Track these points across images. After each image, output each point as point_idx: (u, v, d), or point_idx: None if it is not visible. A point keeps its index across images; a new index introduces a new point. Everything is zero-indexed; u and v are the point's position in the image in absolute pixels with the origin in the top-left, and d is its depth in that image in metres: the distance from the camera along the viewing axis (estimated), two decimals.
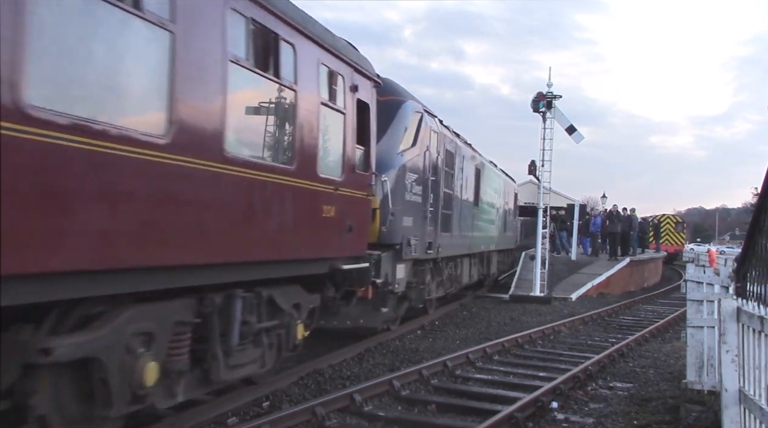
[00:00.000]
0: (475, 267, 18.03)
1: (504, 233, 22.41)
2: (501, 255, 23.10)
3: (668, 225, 43.05)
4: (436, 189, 12.63)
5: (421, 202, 11.66)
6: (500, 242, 21.67)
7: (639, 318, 17.09)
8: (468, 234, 16.00)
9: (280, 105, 6.69)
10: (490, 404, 7.49)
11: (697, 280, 8.09)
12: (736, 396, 4.78)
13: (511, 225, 24.92)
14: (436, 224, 12.60)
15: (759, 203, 6.03)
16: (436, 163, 12.57)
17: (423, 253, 11.80)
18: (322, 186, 7.32)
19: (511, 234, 25.04)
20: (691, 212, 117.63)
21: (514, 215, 26.32)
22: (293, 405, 6.89)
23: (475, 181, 16.93)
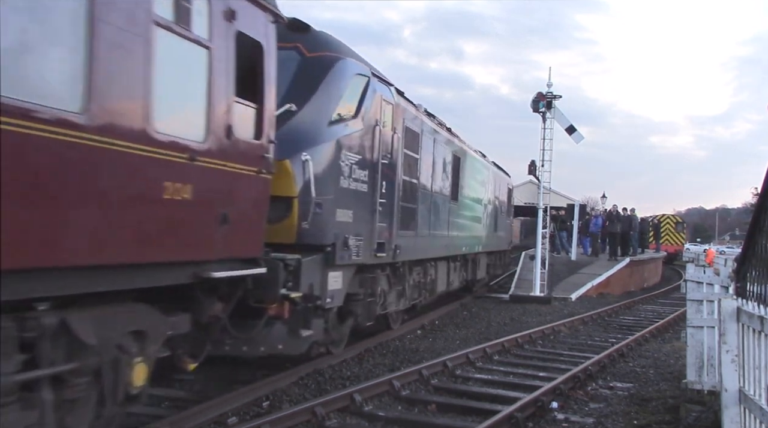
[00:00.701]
0: (456, 272, 15.39)
1: (495, 233, 19.83)
2: (492, 257, 20.71)
3: (668, 226, 43.04)
4: (390, 176, 9.81)
5: (367, 192, 8.92)
6: (490, 243, 19.13)
7: (639, 318, 17.10)
8: (443, 233, 13.47)
9: (59, 11, 3.99)
10: (490, 404, 7.49)
11: (697, 280, 8.09)
12: (736, 396, 4.78)
13: (504, 225, 22.15)
14: (391, 220, 9.83)
15: (759, 203, 6.04)
16: (391, 143, 9.75)
17: (371, 257, 9.13)
18: (159, 151, 4.78)
19: (504, 235, 22.29)
20: (691, 212, 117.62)
21: (509, 213, 23.35)
22: (293, 405, 6.89)
23: (453, 170, 14.21)
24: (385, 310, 10.65)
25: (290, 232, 7.37)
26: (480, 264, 18.48)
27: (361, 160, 8.72)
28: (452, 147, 14.34)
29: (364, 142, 8.90)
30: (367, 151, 8.95)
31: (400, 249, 10.27)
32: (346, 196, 8.34)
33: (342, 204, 8.18)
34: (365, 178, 8.88)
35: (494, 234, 19.75)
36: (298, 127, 7.57)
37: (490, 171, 19.19)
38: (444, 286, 14.43)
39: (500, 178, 21.06)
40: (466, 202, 15.57)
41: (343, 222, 8.23)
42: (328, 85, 8.30)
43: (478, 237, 17.40)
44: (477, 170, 17.02)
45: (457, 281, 15.69)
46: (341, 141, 8.19)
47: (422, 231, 11.75)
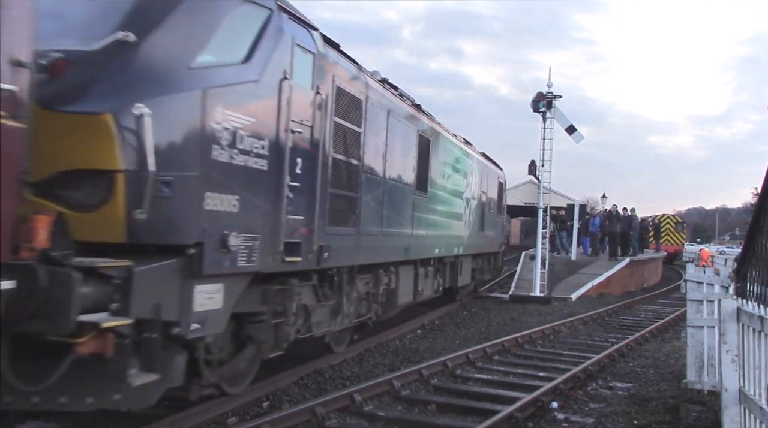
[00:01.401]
0: (427, 279, 12.50)
1: (481, 232, 16.85)
2: (479, 261, 17.74)
3: (668, 226, 43.05)
4: (309, 151, 6.97)
5: (266, 171, 6.15)
6: (475, 244, 16.18)
7: (639, 318, 17.10)
8: (404, 231, 10.59)
9: None
10: (490, 404, 7.49)
11: (697, 280, 8.09)
12: (736, 396, 4.78)
13: (494, 224, 19.04)
14: (311, 212, 7.02)
15: (759, 203, 6.04)
16: (312, 108, 6.99)
17: (275, 263, 6.42)
18: None
19: (495, 235, 19.19)
20: (691, 212, 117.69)
21: (500, 211, 20.12)
22: (293, 405, 6.89)
23: (420, 155, 11.28)
24: (310, 333, 7.79)
25: (114, 226, 4.86)
26: (462, 269, 15.44)
27: (255, 126, 5.92)
28: (418, 125, 11.27)
29: (262, 101, 6.11)
30: (267, 113, 6.16)
31: (329, 251, 7.51)
32: (226, 175, 5.55)
33: (217, 185, 5.43)
34: (263, 150, 6.04)
35: (481, 234, 16.89)
36: (134, 66, 5.13)
37: (475, 161, 16.08)
38: (409, 297, 11.47)
39: (489, 171, 18.04)
40: (439, 194, 12.64)
41: (220, 212, 5.48)
42: (192, 10, 5.66)
43: (459, 238, 14.53)
44: (456, 158, 14.07)
45: (429, 289, 12.74)
46: (215, 93, 5.46)
47: (369, 228, 8.92)
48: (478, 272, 17.96)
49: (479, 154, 16.99)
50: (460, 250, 14.66)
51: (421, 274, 12.07)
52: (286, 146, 6.47)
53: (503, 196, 20.63)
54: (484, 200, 17.16)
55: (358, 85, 8.56)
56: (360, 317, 9.52)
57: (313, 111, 7.06)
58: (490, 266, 19.68)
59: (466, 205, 15.13)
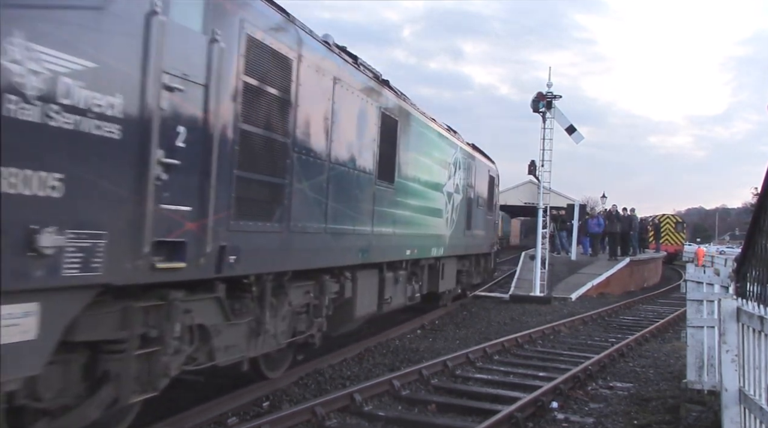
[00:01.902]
0: (396, 285, 10.56)
1: (468, 231, 14.89)
2: (465, 263, 15.73)
3: (668, 225, 43.06)
4: (203, 119, 5.24)
5: (119, 140, 4.33)
6: (460, 244, 14.23)
7: (639, 318, 17.10)
8: (362, 229, 8.76)
9: None
10: (490, 404, 7.49)
11: (697, 280, 8.09)
12: (736, 396, 4.78)
13: (484, 221, 16.95)
14: (204, 201, 5.24)
15: (759, 203, 6.04)
16: (207, 60, 5.26)
17: (140, 270, 4.58)
18: None
19: (484, 234, 17.04)
20: (691, 212, 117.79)
21: (491, 208, 17.97)
22: (293, 405, 6.89)
23: (381, 137, 9.25)
24: (213, 361, 5.94)
25: None
26: (445, 273, 13.42)
27: (97, 75, 4.16)
28: (381, 101, 9.25)
29: (111, 40, 4.32)
30: (122, 58, 4.40)
31: (238, 253, 5.73)
32: (36, 142, 3.77)
33: (15, 156, 3.61)
34: (113, 111, 4.28)
35: (468, 233, 14.89)
36: None
37: (459, 151, 13.86)
38: (371, 307, 9.60)
39: (478, 164, 15.81)
40: (411, 186, 10.63)
41: (24, 197, 3.66)
42: None
43: (438, 237, 12.49)
44: (434, 145, 11.93)
45: (400, 297, 10.77)
46: (9, 17, 3.65)
47: (305, 224, 7.02)
48: (465, 275, 15.92)
49: (466, 145, 14.83)
50: (441, 251, 12.55)
51: (389, 280, 10.13)
52: (157, 108, 4.68)
53: (495, 192, 18.73)
54: (471, 195, 15.13)
55: (286, 39, 6.56)
56: (297, 335, 7.57)
57: (205, 64, 5.25)
58: (479, 269, 17.46)
59: (447, 200, 12.94)
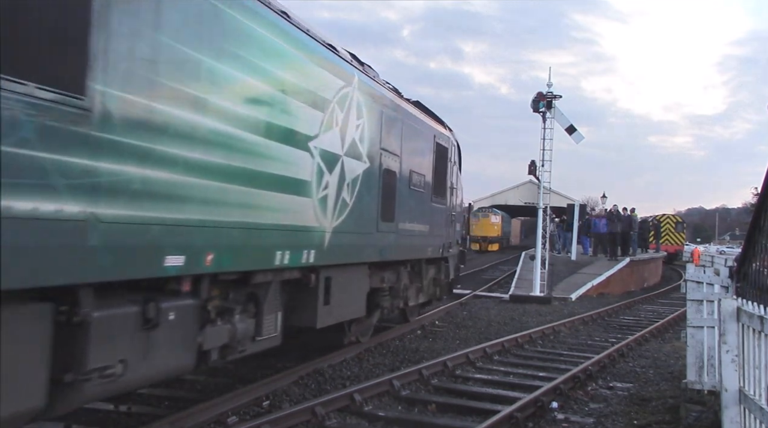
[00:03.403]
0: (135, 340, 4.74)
1: (387, 225, 9.51)
2: (391, 275, 10.36)
3: (668, 225, 43.07)
4: None
5: None
6: (366, 245, 8.92)
7: (639, 318, 17.10)
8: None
9: None
10: (490, 404, 7.49)
11: (697, 280, 8.09)
12: (736, 396, 4.78)
13: (429, 212, 11.54)
14: None
15: (759, 203, 6.05)
16: None
17: None
18: None
19: (428, 230, 11.53)
20: (691, 212, 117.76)
21: (441, 192, 12.23)
22: (293, 405, 6.89)
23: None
24: None
25: None
26: (332, 294, 8.06)
27: None
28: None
29: None
30: None
31: None
32: None
33: None
34: None
35: (386, 227, 9.45)
36: None
37: (356, 88, 8.30)
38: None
39: (410, 122, 10.39)
40: (189, 122, 5.07)
41: None
42: None
43: (299, 233, 6.99)
44: (277, 57, 6.42)
45: (158, 363, 5.02)
46: None
47: None
48: (390, 296, 10.37)
49: (389, 90, 9.75)
50: (311, 257, 7.18)
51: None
52: None
53: (451, 170, 12.79)
54: (396, 169, 9.70)
55: None
56: None
57: None
58: (425, 283, 11.92)
59: (326, 168, 7.44)
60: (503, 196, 49.18)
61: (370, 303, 9.70)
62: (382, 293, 10.10)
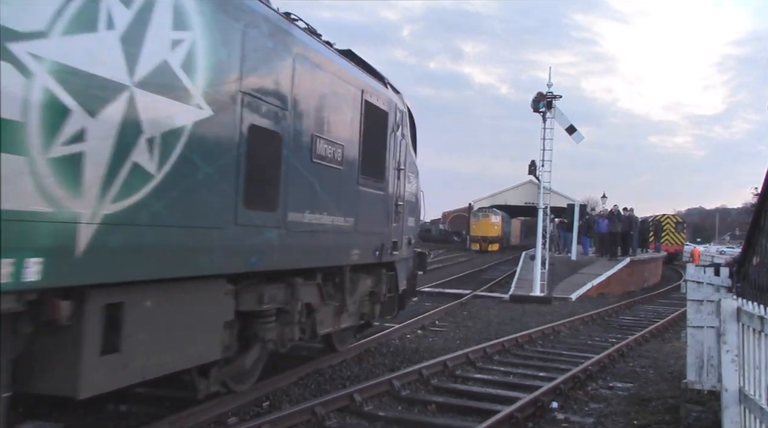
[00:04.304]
0: None
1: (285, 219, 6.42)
2: (278, 293, 6.82)
3: (668, 226, 43.07)
4: None
5: None
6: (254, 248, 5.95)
7: (639, 318, 17.10)
8: None
9: None
10: (490, 404, 7.49)
11: (697, 280, 8.09)
12: (736, 396, 4.79)
13: (353, 197, 8.01)
14: None
15: (759, 203, 6.05)
16: None
17: None
18: None
19: (352, 225, 7.95)
20: (691, 212, 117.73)
21: (379, 172, 8.78)
22: (293, 405, 6.89)
23: None
24: None
25: None
26: (180, 323, 5.32)
27: None
28: None
29: None
30: None
31: None
32: None
33: None
34: None
35: (290, 220, 6.58)
36: None
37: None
38: None
39: (329, 70, 7.36)
40: None
41: None
42: None
43: (36, 226, 3.82)
44: None
45: None
46: None
47: None
48: (283, 323, 7.08)
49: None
50: (32, 272, 3.81)
51: None
52: None
53: (397, 145, 9.44)
54: (289, 132, 6.52)
55: None
56: None
57: None
58: (353, 299, 8.64)
59: (76, 101, 4.06)
60: (503, 196, 49.27)
61: (243, 336, 6.55)
62: (263, 320, 6.64)
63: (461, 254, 43.00)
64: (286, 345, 7.19)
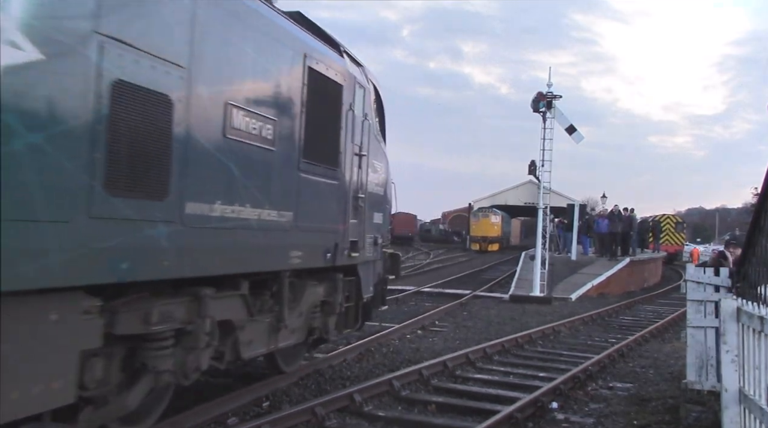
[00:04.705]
0: None
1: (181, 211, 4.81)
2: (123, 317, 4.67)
3: (668, 226, 43.07)
4: None
5: None
6: (122, 249, 4.27)
7: (639, 318, 17.10)
8: None
9: None
10: (490, 404, 7.49)
11: (697, 281, 8.09)
12: (736, 396, 4.79)
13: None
14: None
15: (759, 203, 6.05)
16: None
17: None
18: None
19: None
20: (691, 212, 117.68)
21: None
22: (293, 405, 6.89)
23: None
24: None
25: None
26: None
27: None
28: None
29: None
30: None
31: None
32: None
33: None
34: None
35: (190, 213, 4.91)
36: None
37: None
38: None
39: (250, 22, 5.68)
40: None
41: None
42: None
43: None
44: None
45: None
46: None
47: None
48: (186, 348, 5.36)
49: None
50: None
51: None
52: None
53: (356, 126, 7.91)
54: (185, 95, 4.83)
55: None
56: None
57: None
58: (297, 312, 7.08)
59: None
60: (503, 196, 49.24)
61: (129, 367, 4.96)
62: (153, 346, 5.05)
63: (461, 254, 43.02)
64: (190, 376, 5.44)
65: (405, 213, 62.22)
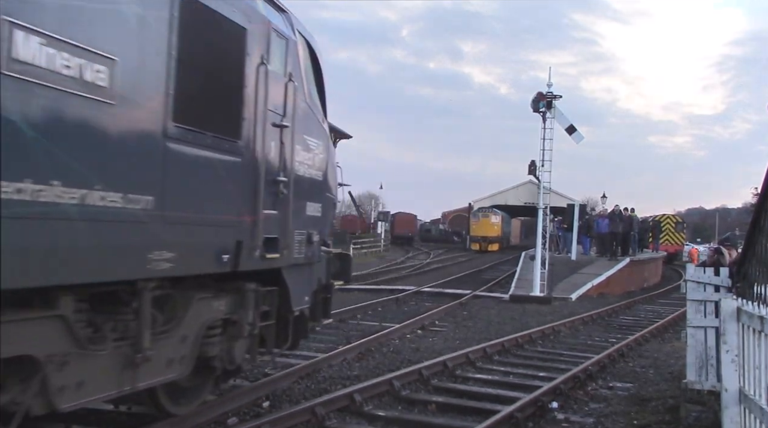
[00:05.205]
0: None
1: None
2: None
3: (668, 226, 43.07)
4: None
5: None
6: None
7: (639, 318, 17.10)
8: None
9: None
10: (490, 404, 7.49)
11: (697, 281, 8.08)
12: (736, 396, 4.79)
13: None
14: None
15: (759, 203, 6.05)
16: None
17: None
18: None
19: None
20: (691, 212, 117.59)
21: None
22: (293, 405, 6.89)
23: None
24: None
25: None
26: None
27: None
28: None
29: None
30: None
31: None
32: None
33: None
34: None
35: None
36: None
37: None
38: None
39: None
40: None
41: None
42: None
43: None
44: None
45: None
46: None
47: None
48: None
49: None
50: None
51: None
52: None
53: (275, 85, 5.95)
54: None
55: None
56: None
57: None
58: (151, 340, 4.73)
59: None
60: (503, 196, 49.27)
61: None
62: None
63: (461, 254, 43.04)
64: None
65: (405, 213, 62.39)
